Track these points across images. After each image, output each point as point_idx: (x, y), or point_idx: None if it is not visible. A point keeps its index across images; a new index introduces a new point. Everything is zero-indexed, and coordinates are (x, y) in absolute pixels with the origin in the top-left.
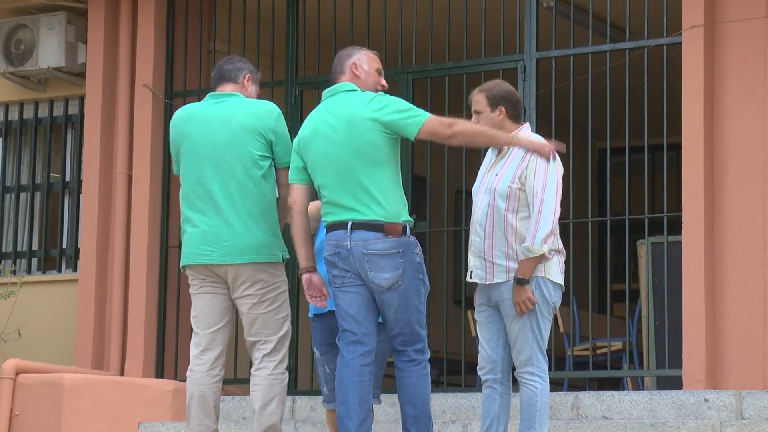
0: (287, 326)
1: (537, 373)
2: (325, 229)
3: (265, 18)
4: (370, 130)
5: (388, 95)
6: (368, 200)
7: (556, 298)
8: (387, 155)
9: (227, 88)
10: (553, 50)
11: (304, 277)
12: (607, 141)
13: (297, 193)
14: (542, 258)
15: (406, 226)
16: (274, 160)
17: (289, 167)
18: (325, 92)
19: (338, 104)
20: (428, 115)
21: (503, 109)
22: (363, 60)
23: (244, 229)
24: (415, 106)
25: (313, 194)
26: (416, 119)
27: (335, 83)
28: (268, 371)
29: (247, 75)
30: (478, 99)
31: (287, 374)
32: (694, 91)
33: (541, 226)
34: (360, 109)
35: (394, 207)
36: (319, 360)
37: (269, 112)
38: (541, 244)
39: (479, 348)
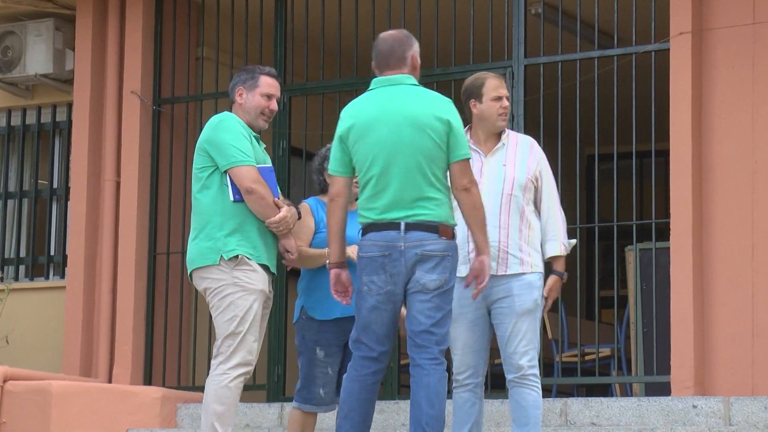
0: (234, 326)
1: (538, 374)
2: (363, 227)
3: (253, 24)
4: (441, 133)
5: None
6: (427, 200)
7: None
8: (446, 159)
9: (232, 109)
10: (542, 56)
11: (333, 272)
12: (595, 147)
13: (341, 186)
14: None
15: (454, 229)
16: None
17: (235, 167)
18: (381, 80)
19: (404, 97)
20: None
21: None
22: (418, 52)
23: (190, 243)
24: None
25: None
26: (466, 149)
27: (387, 68)
28: (211, 375)
29: (238, 89)
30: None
31: (231, 374)
32: (682, 97)
33: (564, 220)
34: (436, 110)
35: (447, 208)
36: (322, 361)
37: (208, 124)
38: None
39: (458, 350)
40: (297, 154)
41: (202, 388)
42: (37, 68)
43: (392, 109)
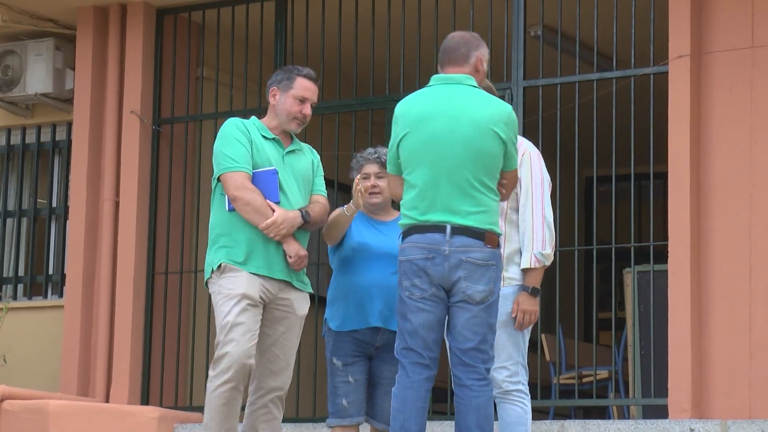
0: (220, 335)
1: (524, 391)
2: (405, 229)
3: (253, 44)
4: (498, 141)
5: None
6: (476, 205)
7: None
8: (500, 166)
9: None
10: (541, 79)
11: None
12: (593, 169)
13: (401, 188)
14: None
15: (499, 239)
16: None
17: (223, 175)
18: (440, 77)
19: (464, 96)
20: None
21: None
22: (485, 57)
23: None
24: None
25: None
26: (516, 161)
27: (448, 65)
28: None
29: (272, 90)
30: None
31: (215, 383)
32: (680, 120)
33: (549, 229)
34: (495, 115)
35: (494, 216)
36: (341, 371)
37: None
38: (553, 248)
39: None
40: None
41: (199, 408)
42: (36, 87)
43: (450, 106)
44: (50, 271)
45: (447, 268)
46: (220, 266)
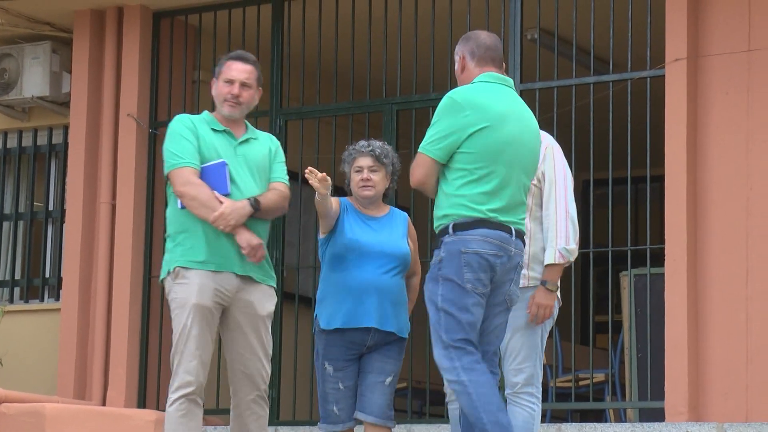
0: (175, 346)
1: (536, 395)
2: (466, 221)
3: (249, 48)
4: (540, 147)
5: None
6: (525, 211)
7: (557, 312)
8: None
9: None
10: (537, 82)
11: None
12: (590, 172)
13: (435, 175)
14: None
15: None
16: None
17: (169, 173)
18: (498, 77)
19: (521, 102)
20: None
21: None
22: None
23: None
24: None
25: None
26: None
27: (492, 64)
28: None
29: (211, 82)
30: None
31: (171, 398)
32: (677, 123)
33: (573, 224)
34: (535, 122)
35: None
36: (332, 377)
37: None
38: (577, 244)
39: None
40: (293, 178)
41: None
42: (33, 91)
43: (517, 109)
44: (47, 274)
45: (508, 268)
46: (174, 269)
